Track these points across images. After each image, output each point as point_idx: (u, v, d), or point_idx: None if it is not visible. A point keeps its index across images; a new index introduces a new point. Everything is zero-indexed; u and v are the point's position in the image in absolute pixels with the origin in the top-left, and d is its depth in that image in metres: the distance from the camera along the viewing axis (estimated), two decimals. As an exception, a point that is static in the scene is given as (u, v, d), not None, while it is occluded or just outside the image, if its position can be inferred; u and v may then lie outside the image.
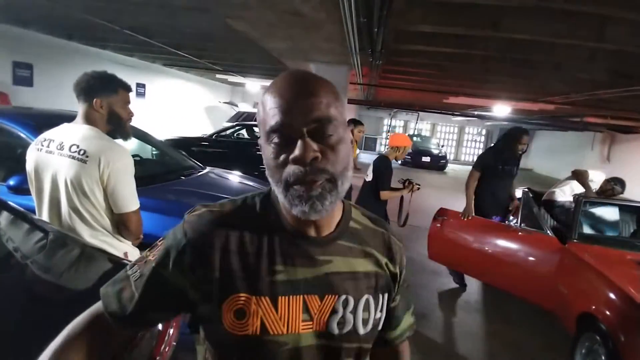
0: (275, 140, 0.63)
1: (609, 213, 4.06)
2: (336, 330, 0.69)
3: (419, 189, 3.55)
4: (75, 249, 1.48)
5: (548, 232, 3.39)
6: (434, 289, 3.96)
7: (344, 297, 0.70)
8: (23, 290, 1.44)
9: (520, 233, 3.56)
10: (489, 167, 3.97)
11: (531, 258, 3.43)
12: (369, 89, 9.34)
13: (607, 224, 4.02)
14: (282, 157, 0.63)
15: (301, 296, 0.67)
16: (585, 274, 2.80)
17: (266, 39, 4.88)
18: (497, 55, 4.67)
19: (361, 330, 0.71)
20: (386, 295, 0.77)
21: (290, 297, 0.66)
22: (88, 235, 1.56)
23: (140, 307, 0.67)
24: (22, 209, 1.65)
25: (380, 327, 0.77)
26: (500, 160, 3.97)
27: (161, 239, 0.72)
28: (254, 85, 12.91)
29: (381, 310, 0.76)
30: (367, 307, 0.72)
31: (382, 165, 3.49)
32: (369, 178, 3.55)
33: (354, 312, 0.71)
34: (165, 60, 9.85)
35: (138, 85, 10.13)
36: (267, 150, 0.65)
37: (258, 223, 0.69)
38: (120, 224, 1.60)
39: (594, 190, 4.22)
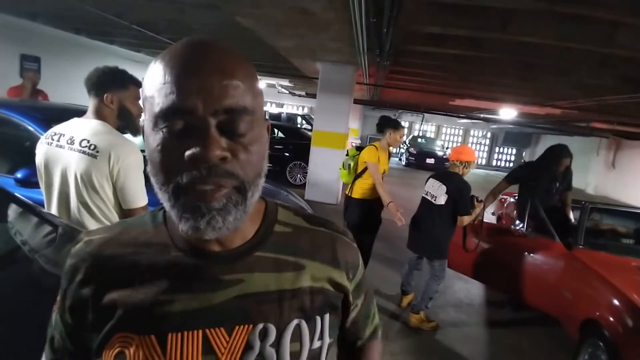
0: (167, 128, 0.46)
1: (615, 220, 4.05)
2: None
3: (484, 205, 3.24)
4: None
5: (555, 237, 3.37)
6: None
7: (260, 326, 0.53)
8: (31, 283, 1.44)
9: (528, 238, 3.53)
10: (521, 181, 3.95)
11: (537, 263, 3.41)
12: (375, 89, 9.33)
13: (612, 231, 4.02)
14: (174, 152, 0.46)
15: (200, 331, 0.51)
16: (590, 280, 2.78)
17: (274, 37, 4.89)
18: (505, 58, 4.65)
19: None
20: (327, 317, 0.59)
21: (185, 333, 0.50)
22: (96, 230, 1.56)
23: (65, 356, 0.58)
24: (30, 202, 1.66)
25: (325, 358, 0.60)
26: (533, 176, 3.83)
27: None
28: (261, 83, 12.88)
29: (321, 338, 0.58)
30: (296, 336, 0.55)
31: (466, 186, 3.01)
32: (440, 201, 3.04)
33: (277, 344, 0.53)
34: (172, 57, 9.85)
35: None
36: (152, 140, 0.48)
37: (146, 245, 0.55)
38: (128, 220, 1.60)
39: None
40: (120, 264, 0.54)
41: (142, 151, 1.81)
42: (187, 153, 0.45)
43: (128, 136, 1.67)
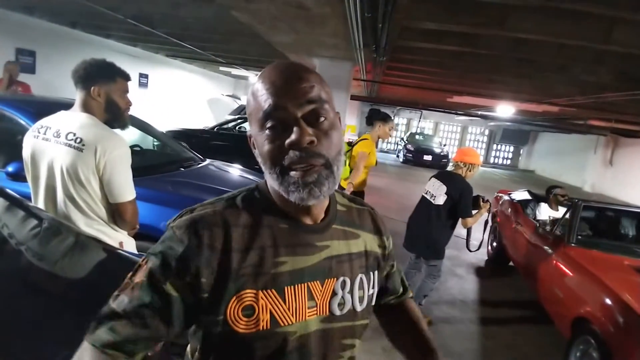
0: (270, 126, 0.64)
1: (608, 218, 4.05)
2: (337, 312, 0.72)
3: (490, 205, 3.20)
4: (69, 237, 1.47)
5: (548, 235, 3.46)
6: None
7: (341, 279, 0.73)
8: (18, 277, 1.43)
9: (536, 230, 3.74)
10: None
11: (536, 257, 3.50)
12: (372, 85, 9.30)
13: (605, 229, 4.02)
14: (277, 143, 0.64)
15: (305, 284, 0.68)
16: (581, 278, 2.79)
17: (270, 32, 4.85)
18: (502, 54, 4.63)
19: (358, 308, 0.75)
20: (376, 272, 0.82)
21: (296, 286, 0.67)
22: (83, 224, 1.55)
23: (144, 334, 0.63)
24: (17, 196, 1.64)
25: (373, 302, 0.81)
26: None
27: (143, 259, 0.67)
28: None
29: (373, 287, 0.80)
30: (361, 286, 0.76)
31: (468, 188, 2.98)
32: (439, 201, 3.03)
33: (351, 291, 0.74)
34: (168, 51, 9.82)
35: (141, 75, 10.10)
36: (260, 138, 0.66)
37: (253, 218, 0.69)
38: (116, 214, 1.59)
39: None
40: (239, 234, 0.66)
41: (133, 146, 1.80)
42: (287, 141, 0.62)
43: (116, 130, 1.65)
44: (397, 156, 17.54)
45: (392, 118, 3.62)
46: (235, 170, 3.77)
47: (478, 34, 4.10)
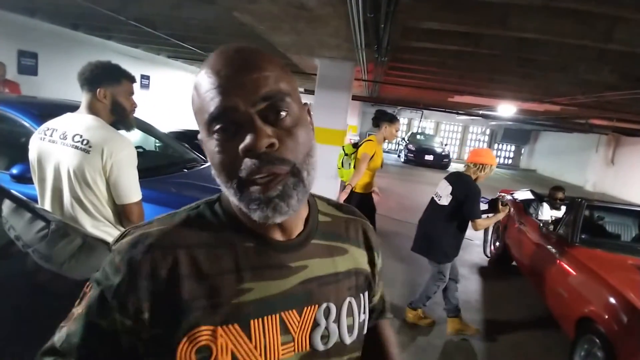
0: (219, 129, 0.51)
1: (612, 217, 4.03)
2: (321, 346, 0.59)
3: (509, 208, 3.09)
4: (76, 239, 1.47)
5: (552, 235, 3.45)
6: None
7: (324, 305, 0.60)
8: (24, 279, 1.44)
9: (539, 230, 3.72)
10: None
11: (540, 257, 3.52)
12: (373, 85, 9.31)
13: (609, 228, 4.01)
14: (229, 150, 0.51)
15: (277, 315, 0.55)
16: (585, 277, 2.78)
17: (272, 33, 4.86)
18: (504, 54, 4.63)
19: (347, 340, 0.62)
20: (367, 294, 0.69)
21: (265, 318, 0.55)
22: (90, 226, 1.55)
23: None
24: (24, 198, 1.65)
25: (365, 330, 0.68)
26: None
27: (88, 283, 0.57)
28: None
29: (364, 312, 0.67)
30: (350, 312, 0.63)
31: (474, 189, 2.85)
32: (443, 202, 2.94)
33: (338, 320, 0.61)
34: (170, 52, 9.84)
35: (142, 76, 10.12)
36: (209, 144, 0.53)
37: (211, 236, 0.57)
38: (122, 215, 1.60)
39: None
40: (192, 257, 0.54)
41: (136, 147, 1.81)
42: (241, 146, 0.50)
43: (122, 131, 1.66)
44: (399, 156, 17.54)
45: (398, 119, 3.55)
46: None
47: (480, 34, 4.11)
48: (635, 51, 3.59)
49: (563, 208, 4.50)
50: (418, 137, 17.00)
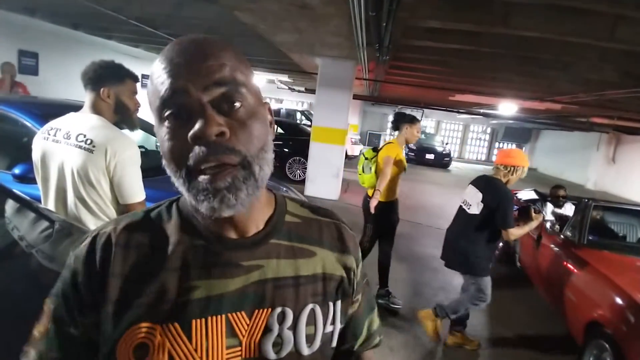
0: (168, 114, 0.50)
1: (620, 218, 3.96)
2: (272, 354, 0.54)
3: (544, 216, 2.86)
4: (80, 238, 1.47)
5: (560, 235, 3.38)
6: (436, 286, 3.95)
7: (279, 309, 0.55)
8: (28, 278, 1.44)
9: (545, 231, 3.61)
10: None
11: (545, 259, 3.42)
12: (374, 84, 9.30)
13: (617, 229, 3.96)
14: (178, 137, 0.49)
15: (223, 316, 0.52)
16: (593, 280, 2.69)
17: (273, 32, 4.86)
18: (505, 52, 4.63)
19: (305, 351, 0.56)
20: (339, 304, 0.62)
21: (209, 318, 0.52)
22: (94, 225, 1.55)
23: None
24: (27, 198, 1.65)
25: (333, 344, 0.62)
26: None
27: (45, 302, 0.56)
28: (260, 78, 12.89)
29: (333, 323, 0.61)
30: (311, 320, 0.58)
31: (506, 194, 2.58)
32: (473, 210, 2.68)
33: (294, 327, 0.56)
34: (170, 52, 9.84)
35: (143, 76, 10.09)
36: (160, 132, 0.51)
37: (163, 235, 0.55)
38: (126, 215, 1.59)
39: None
40: (138, 254, 0.54)
41: (140, 147, 1.80)
42: (190, 133, 0.47)
43: (125, 131, 1.66)
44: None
45: (419, 119, 3.33)
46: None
47: (482, 32, 4.10)
48: (637, 50, 3.58)
49: (566, 206, 4.43)
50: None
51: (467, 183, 2.90)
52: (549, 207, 4.44)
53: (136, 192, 1.56)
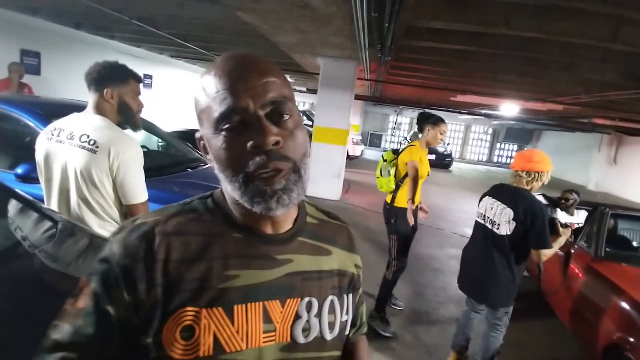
0: (227, 127, 0.55)
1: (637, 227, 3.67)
2: (301, 339, 0.61)
3: (571, 231, 2.44)
4: (83, 238, 1.48)
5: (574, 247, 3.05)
6: (437, 287, 3.95)
7: (307, 299, 0.62)
8: (31, 278, 1.44)
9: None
10: None
11: (558, 272, 3.09)
12: (376, 85, 9.30)
13: (637, 239, 3.69)
14: (237, 147, 0.55)
15: (260, 303, 0.58)
16: (612, 297, 2.41)
17: (275, 32, 4.86)
18: (507, 53, 4.63)
19: (328, 336, 0.64)
20: (351, 296, 0.71)
21: (249, 305, 0.57)
22: (96, 226, 1.55)
23: None
24: (31, 198, 1.65)
25: (347, 331, 0.70)
26: None
27: (83, 280, 0.59)
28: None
29: (347, 313, 0.69)
30: (332, 310, 0.66)
31: (541, 209, 2.15)
32: (503, 230, 2.23)
33: (319, 315, 0.64)
34: (172, 52, 9.85)
35: (145, 76, 10.14)
36: (216, 141, 0.57)
37: (204, 226, 0.61)
38: (129, 215, 1.59)
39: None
40: (183, 243, 0.58)
41: (142, 147, 1.81)
42: (250, 143, 0.54)
43: (128, 131, 1.66)
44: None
45: (444, 120, 3.08)
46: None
47: (484, 33, 4.10)
48: (639, 51, 3.58)
49: (577, 213, 4.10)
50: (419, 136, 16.95)
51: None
52: (559, 214, 4.12)
53: (139, 192, 1.57)
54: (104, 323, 0.55)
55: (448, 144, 17.59)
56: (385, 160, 3.17)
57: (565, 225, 2.37)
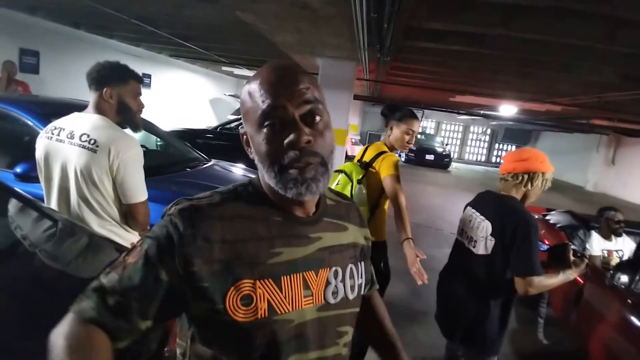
0: (268, 125, 0.66)
1: None
2: (332, 300, 0.75)
3: (588, 264, 1.73)
4: (83, 238, 1.48)
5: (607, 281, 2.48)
6: (435, 287, 3.96)
7: (334, 269, 0.76)
8: (31, 277, 1.44)
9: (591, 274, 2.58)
10: None
11: (590, 312, 2.53)
12: (375, 85, 9.31)
13: None
14: (275, 142, 0.66)
15: (300, 274, 0.71)
16: None
17: (275, 32, 4.86)
18: (506, 54, 4.64)
19: (350, 296, 0.78)
20: (363, 264, 0.85)
21: (292, 276, 0.70)
22: (96, 225, 1.56)
23: (136, 314, 0.64)
24: (30, 197, 1.65)
25: (362, 292, 0.84)
26: None
27: (139, 241, 0.69)
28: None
29: (361, 277, 0.83)
30: (351, 275, 0.79)
31: (525, 221, 1.61)
32: (481, 249, 1.72)
33: (343, 281, 0.77)
34: (171, 52, 9.84)
35: (144, 75, 10.12)
36: (258, 137, 0.68)
37: (249, 210, 0.71)
38: (128, 215, 1.60)
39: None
40: (235, 226, 0.68)
41: (142, 146, 1.81)
42: (286, 141, 0.65)
43: (128, 131, 1.67)
44: (399, 156, 17.53)
45: (415, 116, 2.26)
46: (239, 170, 3.78)
47: (483, 34, 4.11)
48: (637, 52, 3.59)
49: (620, 239, 3.21)
50: (419, 136, 16.95)
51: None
52: (595, 239, 3.18)
53: (139, 192, 1.57)
54: (149, 280, 0.64)
55: (446, 145, 17.59)
56: (352, 180, 2.20)
57: (579, 255, 1.75)
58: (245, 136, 0.74)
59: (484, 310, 1.73)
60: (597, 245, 3.16)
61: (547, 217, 3.87)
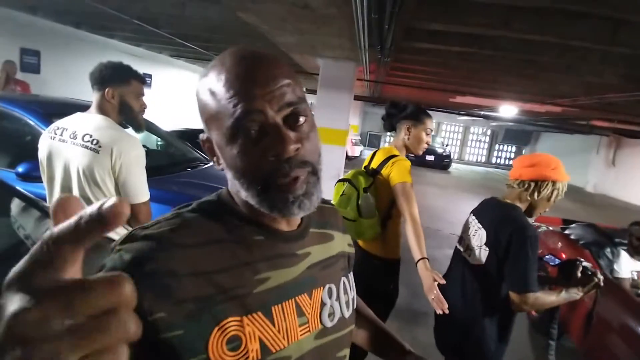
0: (242, 135, 0.52)
1: None
2: (329, 323, 0.65)
3: (598, 283, 1.53)
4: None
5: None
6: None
7: (327, 286, 0.66)
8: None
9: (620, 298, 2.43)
10: None
11: (623, 345, 2.29)
12: (375, 85, 9.31)
13: None
14: (254, 154, 0.53)
15: (292, 300, 0.59)
16: None
17: (275, 33, 4.87)
18: (507, 55, 4.65)
19: (347, 314, 0.69)
20: (352, 273, 0.77)
21: (284, 304, 0.58)
22: (98, 225, 1.56)
23: None
24: (33, 197, 1.66)
25: (355, 304, 0.75)
26: None
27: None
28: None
29: (353, 289, 0.75)
30: (345, 290, 0.71)
31: (522, 231, 1.47)
32: (475, 259, 1.62)
33: (338, 298, 0.68)
34: (172, 52, 9.84)
35: (145, 75, 10.12)
36: (230, 149, 0.54)
37: (223, 231, 0.57)
38: (131, 215, 1.60)
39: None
40: (208, 254, 0.53)
41: (143, 146, 1.81)
42: (269, 154, 0.52)
43: (130, 131, 1.67)
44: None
45: (428, 114, 2.11)
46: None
47: (483, 35, 4.12)
48: (638, 53, 3.60)
49: None
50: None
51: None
52: (624, 258, 2.79)
53: (141, 192, 1.58)
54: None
55: (447, 145, 17.60)
56: (357, 189, 1.94)
57: (589, 274, 1.55)
58: (207, 144, 0.60)
59: (477, 325, 1.58)
60: (626, 265, 2.74)
61: (568, 232, 3.36)
